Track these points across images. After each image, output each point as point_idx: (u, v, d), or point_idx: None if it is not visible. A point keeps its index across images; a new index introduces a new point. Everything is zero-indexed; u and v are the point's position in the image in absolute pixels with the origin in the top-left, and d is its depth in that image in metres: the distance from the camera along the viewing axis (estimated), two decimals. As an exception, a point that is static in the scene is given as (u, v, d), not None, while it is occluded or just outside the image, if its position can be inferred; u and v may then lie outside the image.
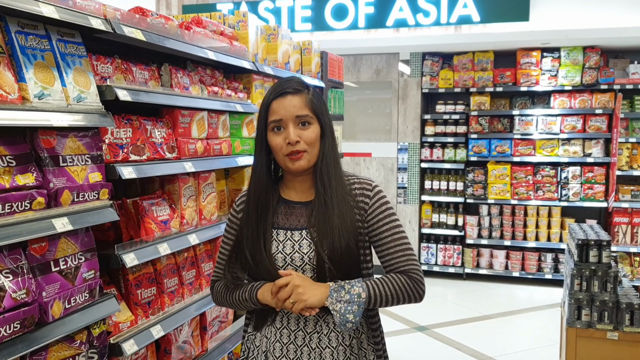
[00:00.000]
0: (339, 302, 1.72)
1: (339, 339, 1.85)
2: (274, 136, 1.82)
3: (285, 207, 1.90)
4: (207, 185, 2.98)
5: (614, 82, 6.85)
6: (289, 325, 1.87)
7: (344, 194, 1.84)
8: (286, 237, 1.85)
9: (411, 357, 4.94)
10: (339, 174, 1.86)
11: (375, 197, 1.87)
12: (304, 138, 1.80)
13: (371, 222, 1.85)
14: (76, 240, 2.03)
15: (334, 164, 1.86)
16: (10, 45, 1.85)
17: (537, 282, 7.23)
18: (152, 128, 2.54)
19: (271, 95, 1.84)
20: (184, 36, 2.73)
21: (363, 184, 1.89)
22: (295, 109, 1.80)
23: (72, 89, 2.03)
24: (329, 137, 1.86)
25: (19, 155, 1.84)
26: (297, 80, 1.88)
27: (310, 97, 1.84)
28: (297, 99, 1.81)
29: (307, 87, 1.87)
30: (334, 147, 1.87)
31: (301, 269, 1.83)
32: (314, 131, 1.82)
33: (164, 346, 2.64)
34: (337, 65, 5.03)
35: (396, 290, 1.79)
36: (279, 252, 1.85)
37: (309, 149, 1.81)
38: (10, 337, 1.72)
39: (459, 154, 7.45)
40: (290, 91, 1.82)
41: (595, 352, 3.87)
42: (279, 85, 1.86)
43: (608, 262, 3.93)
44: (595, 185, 6.94)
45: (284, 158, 1.82)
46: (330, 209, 1.80)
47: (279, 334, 1.88)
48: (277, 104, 1.81)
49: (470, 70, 7.37)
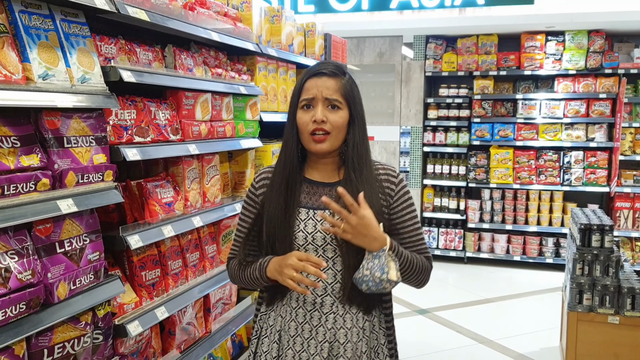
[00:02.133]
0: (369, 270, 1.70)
1: (353, 321, 1.85)
2: (302, 114, 1.82)
3: (309, 186, 1.90)
4: (211, 167, 2.97)
5: (619, 66, 6.80)
6: (305, 305, 1.86)
7: (373, 178, 1.85)
8: (308, 216, 1.85)
9: (412, 339, 4.97)
10: (369, 164, 1.86)
11: (400, 184, 1.90)
12: (330, 120, 1.79)
13: (396, 209, 1.87)
14: (81, 222, 2.02)
15: (365, 154, 1.85)
16: (14, 25, 1.83)
17: (538, 267, 7.25)
18: (156, 110, 2.53)
19: (307, 75, 1.85)
20: (187, 17, 2.71)
21: (387, 170, 1.91)
22: (327, 91, 1.80)
23: (76, 70, 2.02)
24: (360, 127, 1.85)
25: (23, 136, 1.83)
26: (335, 63, 1.88)
27: (345, 83, 1.83)
28: (332, 82, 1.81)
29: (345, 74, 1.86)
30: (364, 137, 1.87)
31: (322, 248, 1.83)
32: (342, 116, 1.81)
33: (168, 327, 2.66)
34: (341, 48, 5.00)
35: (422, 270, 1.84)
36: (300, 231, 1.84)
37: (333, 133, 1.80)
38: (16, 318, 1.73)
39: (462, 138, 7.43)
40: (327, 73, 1.82)
41: (596, 336, 3.89)
42: (317, 65, 1.87)
43: (610, 247, 3.94)
44: (597, 170, 6.93)
45: (308, 137, 1.81)
46: (361, 186, 1.80)
47: (294, 314, 1.87)
48: (311, 83, 1.82)
49: (474, 53, 7.32)
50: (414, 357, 4.60)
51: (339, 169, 1.90)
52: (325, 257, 1.84)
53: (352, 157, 1.83)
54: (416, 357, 4.60)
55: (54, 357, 1.90)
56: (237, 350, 3.47)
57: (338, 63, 1.90)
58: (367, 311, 1.88)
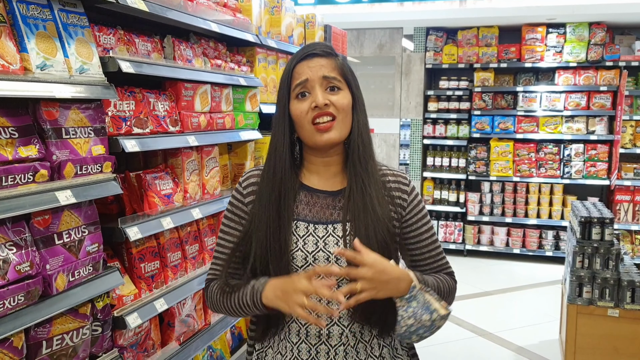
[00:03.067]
0: (414, 318, 1.45)
1: (367, 350, 1.59)
2: (297, 104, 1.54)
3: (307, 196, 1.60)
4: (210, 159, 2.96)
5: (620, 58, 6.78)
6: (309, 339, 1.57)
7: (380, 184, 1.58)
8: (308, 231, 1.56)
9: (412, 332, 4.97)
10: (373, 156, 1.60)
11: (413, 193, 1.64)
12: (334, 102, 1.52)
13: (409, 221, 1.62)
14: (80, 213, 2.01)
15: (369, 143, 1.59)
16: (11, 15, 1.81)
17: (538, 259, 7.26)
18: (155, 101, 2.51)
19: (295, 59, 1.57)
20: (187, 7, 2.69)
21: (397, 177, 1.64)
22: (323, 69, 1.53)
23: (74, 60, 2.00)
24: (362, 112, 1.59)
25: (21, 126, 1.82)
26: (325, 43, 1.63)
27: (341, 62, 1.58)
28: (327, 61, 1.55)
29: (337, 54, 1.61)
30: (367, 124, 1.61)
31: None
32: (346, 97, 1.55)
33: (168, 320, 2.65)
34: (341, 40, 4.97)
35: (449, 294, 1.63)
36: (298, 249, 1.54)
37: (339, 117, 1.52)
38: (14, 310, 1.72)
39: (462, 130, 7.42)
40: (318, 53, 1.56)
41: (596, 329, 3.89)
42: (303, 48, 1.59)
43: (610, 240, 3.94)
44: (598, 162, 6.92)
45: (310, 129, 1.52)
46: (369, 197, 1.53)
47: (296, 350, 1.58)
48: (302, 66, 1.55)
49: (474, 45, 7.29)
50: (414, 350, 4.60)
51: (343, 171, 1.63)
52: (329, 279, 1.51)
53: (358, 146, 1.56)
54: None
55: (52, 349, 1.90)
56: (236, 342, 3.47)
57: (327, 43, 1.65)
58: (385, 331, 1.60)
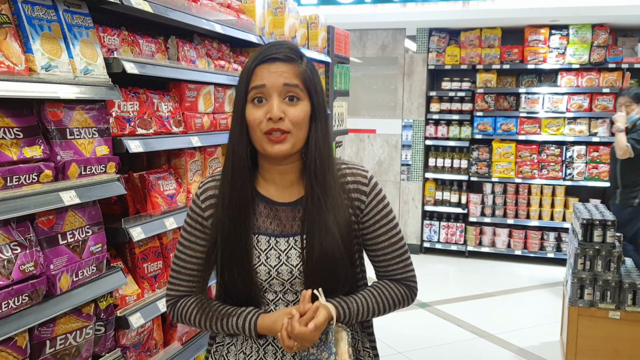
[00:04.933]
0: (317, 348, 1.44)
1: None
2: (252, 109, 1.45)
3: (267, 208, 1.54)
4: (213, 160, 2.97)
5: (622, 60, 6.77)
6: (275, 342, 1.54)
7: (339, 192, 1.51)
8: (269, 245, 1.52)
9: (413, 333, 4.98)
10: (332, 168, 1.51)
11: (372, 193, 1.56)
12: (289, 116, 1.43)
13: (367, 223, 1.56)
14: (83, 214, 2.02)
15: (328, 155, 1.50)
16: (16, 16, 1.82)
17: (539, 261, 7.25)
18: (159, 102, 2.52)
19: (256, 60, 1.47)
20: (191, 8, 2.70)
21: (357, 176, 1.56)
22: (283, 76, 1.43)
23: (79, 61, 2.01)
24: (322, 122, 1.50)
25: (26, 127, 1.83)
26: (289, 45, 1.51)
27: (304, 69, 1.47)
28: (289, 67, 1.45)
29: (302, 57, 1.50)
30: (327, 133, 1.51)
31: (289, 282, 1.52)
32: (303, 109, 1.45)
33: (170, 319, 2.66)
34: (344, 40, 4.98)
35: (392, 303, 1.58)
36: (261, 264, 1.51)
37: (294, 131, 1.44)
38: (18, 309, 1.73)
39: (464, 131, 7.41)
40: (281, 57, 1.45)
41: (597, 331, 3.89)
42: (266, 49, 1.48)
43: (612, 242, 3.94)
44: (600, 164, 6.92)
45: (261, 137, 1.45)
46: (324, 212, 1.47)
47: (262, 351, 1.55)
48: (262, 70, 1.45)
49: (477, 47, 7.29)
50: (415, 351, 4.60)
51: (301, 178, 1.55)
52: (293, 290, 1.53)
53: (315, 159, 1.48)
54: (417, 351, 4.61)
55: (56, 349, 1.91)
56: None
57: (292, 44, 1.54)
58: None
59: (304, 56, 1.51)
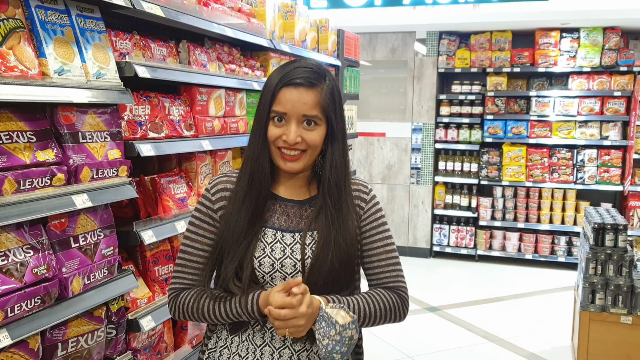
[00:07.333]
0: (326, 337, 1.46)
1: None
2: (272, 126, 1.55)
3: (275, 204, 1.64)
4: (224, 163, 2.97)
5: (634, 64, 6.73)
6: (273, 343, 1.59)
7: (351, 207, 1.63)
8: (275, 238, 1.60)
9: (423, 337, 4.96)
10: (347, 184, 1.63)
11: (371, 202, 1.68)
12: (306, 139, 1.54)
13: (364, 228, 1.66)
14: (95, 217, 2.03)
15: (344, 174, 1.61)
16: (30, 20, 1.84)
17: (550, 265, 7.21)
18: (170, 105, 2.53)
19: (281, 82, 1.54)
20: (202, 12, 2.71)
21: (359, 186, 1.69)
22: (304, 107, 1.53)
23: (91, 65, 2.02)
24: (339, 142, 1.60)
25: (39, 131, 1.84)
26: (314, 68, 1.58)
27: (325, 95, 1.55)
28: (310, 96, 1.53)
29: (325, 78, 1.57)
30: (344, 154, 1.62)
31: (291, 277, 1.58)
32: (319, 134, 1.56)
33: (181, 323, 2.67)
34: (354, 44, 4.98)
35: (385, 310, 1.60)
36: (265, 256, 1.58)
37: (309, 151, 1.56)
38: (31, 312, 1.74)
39: (474, 135, 7.39)
40: (304, 84, 1.53)
41: (608, 335, 3.86)
42: (291, 70, 1.56)
43: (624, 247, 3.91)
44: (611, 168, 6.87)
45: (275, 152, 1.57)
46: (338, 212, 1.58)
47: (259, 352, 1.59)
48: (284, 95, 1.53)
49: (487, 50, 7.27)
50: (424, 355, 4.59)
51: (309, 184, 1.67)
52: None
53: (330, 179, 1.59)
54: (426, 355, 4.59)
55: (67, 351, 1.92)
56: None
57: (315, 64, 1.60)
58: None
59: (327, 76, 1.59)
